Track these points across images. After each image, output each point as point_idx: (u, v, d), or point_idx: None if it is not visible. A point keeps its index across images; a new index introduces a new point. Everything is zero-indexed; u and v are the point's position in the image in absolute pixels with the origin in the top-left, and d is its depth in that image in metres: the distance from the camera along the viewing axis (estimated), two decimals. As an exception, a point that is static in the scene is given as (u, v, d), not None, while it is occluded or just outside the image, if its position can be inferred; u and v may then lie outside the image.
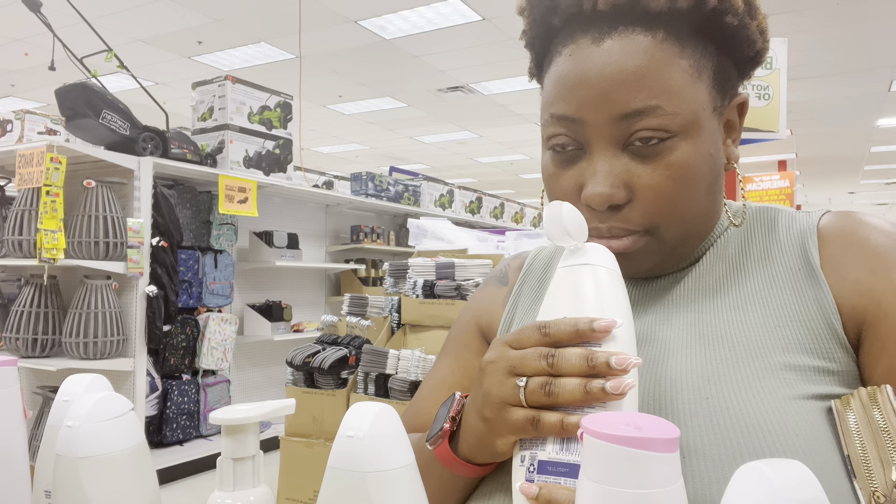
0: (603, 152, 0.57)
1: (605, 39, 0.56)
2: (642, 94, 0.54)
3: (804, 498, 0.30)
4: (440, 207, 5.91)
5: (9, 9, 5.54)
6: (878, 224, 0.59)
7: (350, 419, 0.42)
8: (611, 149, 0.57)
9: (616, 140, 0.56)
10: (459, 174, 14.03)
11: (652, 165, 0.56)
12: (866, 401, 0.50)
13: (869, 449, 0.48)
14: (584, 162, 0.58)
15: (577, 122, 0.57)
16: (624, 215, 0.57)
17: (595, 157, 0.57)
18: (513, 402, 0.49)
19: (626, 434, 0.33)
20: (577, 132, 0.58)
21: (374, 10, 5.71)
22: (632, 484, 0.32)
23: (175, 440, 3.55)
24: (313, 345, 2.36)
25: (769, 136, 2.55)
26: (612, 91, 0.55)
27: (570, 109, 0.57)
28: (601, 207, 0.57)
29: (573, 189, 0.59)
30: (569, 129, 0.58)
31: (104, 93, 3.16)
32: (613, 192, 0.56)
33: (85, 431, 0.48)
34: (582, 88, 0.56)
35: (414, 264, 2.35)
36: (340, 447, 0.42)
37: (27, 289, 3.09)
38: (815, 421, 0.51)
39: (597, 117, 0.56)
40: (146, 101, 3.68)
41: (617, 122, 0.55)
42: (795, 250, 0.60)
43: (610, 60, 0.55)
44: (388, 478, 0.41)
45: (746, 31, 0.59)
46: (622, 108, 0.55)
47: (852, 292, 0.56)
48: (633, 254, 0.58)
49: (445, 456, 0.57)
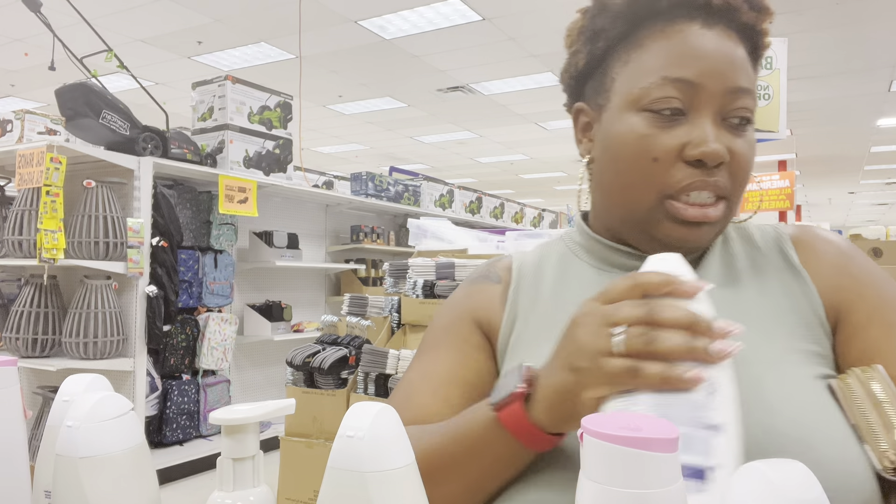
0: (709, 118, 0.63)
1: (714, 28, 0.65)
2: (745, 77, 0.64)
3: (804, 498, 0.30)
4: (440, 207, 5.91)
5: (9, 9, 5.54)
6: (828, 233, 0.71)
7: (350, 419, 0.42)
8: (714, 117, 0.64)
9: (720, 110, 0.64)
10: (459, 174, 14.03)
11: (740, 139, 0.64)
12: (863, 377, 0.58)
13: (871, 417, 0.56)
14: (687, 125, 0.64)
15: (696, 86, 0.63)
16: (721, 174, 0.64)
17: (703, 121, 0.63)
18: (610, 351, 0.49)
19: (625, 434, 0.33)
20: (692, 96, 0.63)
21: (374, 10, 5.71)
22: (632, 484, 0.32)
23: (175, 440, 3.55)
24: (313, 345, 2.36)
25: (769, 136, 2.55)
26: (728, 68, 0.64)
27: (691, 74, 0.63)
28: (714, 163, 0.62)
29: (675, 148, 0.63)
30: (683, 93, 0.63)
31: (104, 93, 3.16)
32: (724, 150, 0.63)
33: (85, 431, 0.48)
34: (703, 59, 0.63)
35: (414, 264, 2.35)
36: (340, 447, 0.42)
37: (27, 289, 3.08)
38: (826, 396, 0.59)
39: (714, 85, 0.63)
40: (146, 101, 3.68)
41: (728, 94, 0.63)
42: (776, 254, 0.70)
43: (724, 43, 0.64)
44: (388, 478, 0.41)
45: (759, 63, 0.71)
46: (734, 82, 0.63)
47: (828, 287, 0.66)
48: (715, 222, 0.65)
49: (515, 421, 0.54)
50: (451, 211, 6.04)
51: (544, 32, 6.20)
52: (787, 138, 8.94)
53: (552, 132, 10.15)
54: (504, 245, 2.69)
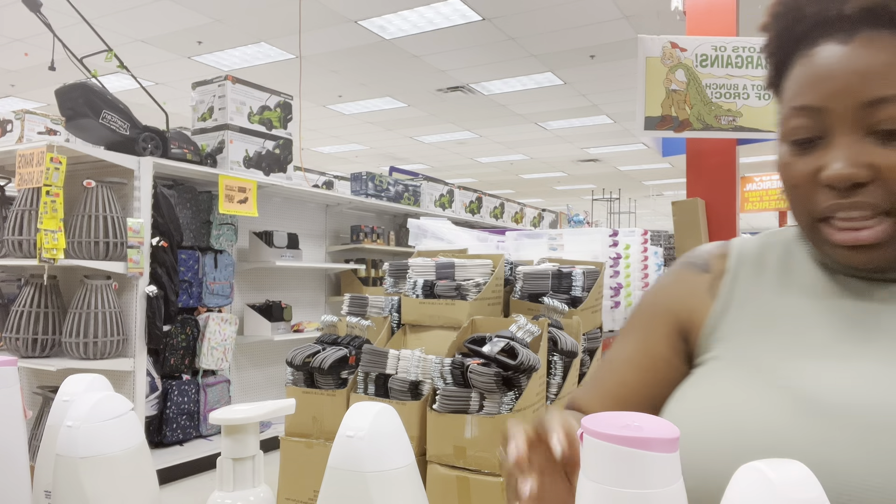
0: (844, 137, 0.61)
1: (853, 38, 0.62)
2: (887, 84, 0.59)
3: (804, 498, 0.30)
4: (440, 207, 5.91)
5: (9, 9, 5.54)
6: None
7: (350, 419, 0.42)
8: (853, 134, 0.61)
9: (860, 126, 0.61)
10: (459, 174, 14.03)
11: (891, 150, 0.60)
12: None
13: None
14: (823, 149, 0.63)
15: (821, 110, 0.62)
16: (869, 192, 0.60)
17: (836, 142, 0.61)
18: None
19: (626, 434, 0.33)
20: (820, 121, 0.62)
21: (374, 10, 5.71)
22: (632, 484, 0.32)
23: (175, 440, 3.55)
24: (313, 345, 2.36)
25: (769, 136, 2.55)
26: (858, 81, 0.60)
27: (813, 100, 0.62)
28: (843, 185, 0.60)
29: (810, 173, 0.63)
30: (810, 119, 0.63)
31: (104, 93, 3.16)
32: (855, 170, 0.60)
33: (85, 431, 0.48)
34: (826, 81, 0.62)
35: (414, 264, 2.35)
36: (340, 447, 0.42)
37: (27, 289, 3.08)
38: None
39: (841, 105, 0.61)
40: (146, 101, 3.68)
41: (863, 108, 0.60)
42: None
43: (858, 55, 0.61)
44: (388, 478, 0.41)
45: None
46: (869, 95, 0.60)
47: None
48: (883, 242, 0.61)
49: None
50: (451, 211, 6.04)
51: (544, 32, 6.20)
52: (787, 138, 8.91)
53: (552, 132, 10.15)
54: (504, 245, 2.69)
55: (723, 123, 2.59)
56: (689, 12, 3.38)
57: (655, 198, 16.84)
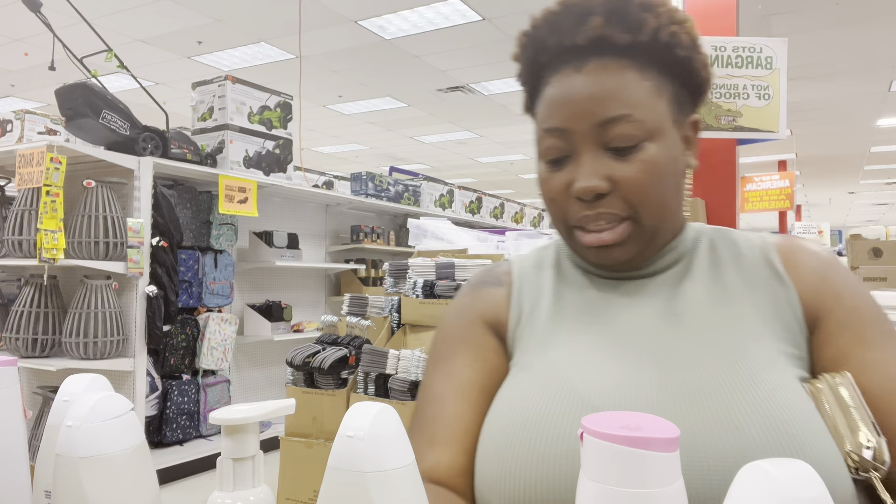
0: (587, 154, 0.69)
1: (584, 66, 0.70)
2: (615, 105, 0.68)
3: (808, 497, 0.30)
4: (440, 207, 5.91)
5: (9, 9, 5.54)
6: (811, 244, 0.76)
7: (350, 419, 0.42)
8: (593, 151, 0.69)
9: (598, 143, 0.69)
10: (459, 174, 14.03)
11: (628, 162, 0.68)
12: (833, 383, 0.64)
13: (839, 420, 0.61)
14: (572, 165, 0.71)
15: (566, 131, 0.70)
16: (608, 202, 0.69)
17: (581, 158, 0.70)
18: None
19: (625, 434, 0.33)
20: (566, 140, 0.70)
21: (374, 10, 5.71)
22: (632, 483, 0.32)
23: (175, 440, 3.55)
24: (313, 345, 2.36)
25: (769, 136, 2.55)
26: (592, 104, 0.68)
27: (559, 122, 0.70)
28: (588, 197, 0.69)
29: (563, 187, 0.71)
30: (559, 139, 0.71)
31: (104, 93, 3.16)
32: (598, 183, 0.68)
33: (85, 431, 0.47)
34: (568, 105, 0.70)
35: (414, 264, 2.35)
36: (340, 447, 0.42)
37: (27, 289, 3.08)
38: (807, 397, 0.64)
39: (581, 126, 0.69)
40: (146, 101, 3.68)
41: (597, 127, 0.68)
42: (761, 261, 0.74)
43: (589, 81, 0.69)
44: (388, 478, 0.41)
45: (693, 62, 0.73)
46: (601, 116, 0.68)
47: (808, 294, 0.71)
48: (622, 241, 0.70)
49: None
50: (451, 211, 6.04)
51: (544, 32, 6.18)
52: (787, 138, 8.94)
53: (552, 132, 10.14)
54: (504, 245, 2.69)
55: (723, 123, 2.59)
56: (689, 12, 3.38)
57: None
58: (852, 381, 0.63)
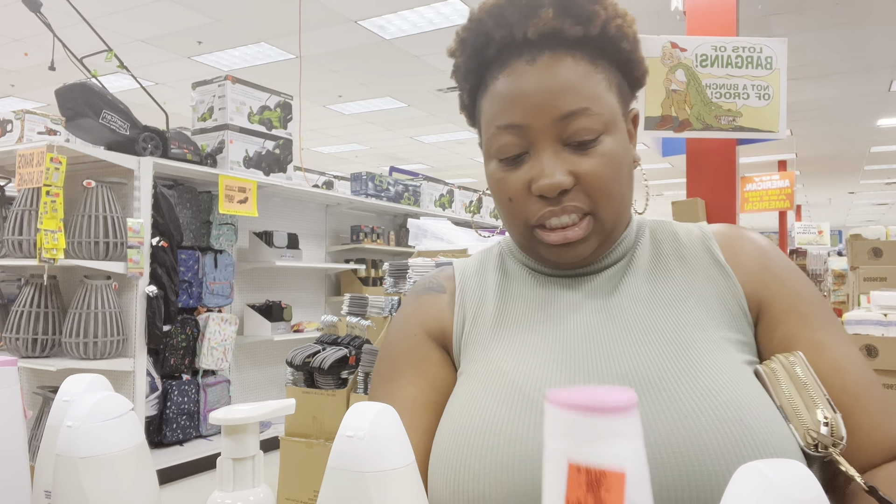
0: (547, 150, 0.67)
1: (538, 60, 0.68)
2: (574, 99, 0.66)
3: (804, 498, 0.30)
4: (440, 207, 5.91)
5: (9, 9, 5.54)
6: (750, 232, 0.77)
7: (350, 419, 0.42)
8: (554, 146, 0.67)
9: (558, 138, 0.67)
10: (459, 174, 14.03)
11: (589, 156, 0.67)
12: (786, 363, 0.65)
13: (795, 399, 0.62)
14: (531, 162, 0.68)
15: (523, 127, 0.68)
16: (572, 197, 0.67)
17: (541, 154, 0.68)
18: None
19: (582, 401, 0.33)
20: (524, 136, 0.68)
21: (374, 10, 5.71)
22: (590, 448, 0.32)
23: (175, 440, 3.55)
24: (313, 345, 2.36)
25: (769, 136, 2.55)
26: (551, 98, 0.66)
27: (516, 118, 0.68)
28: (553, 194, 0.67)
29: (522, 185, 0.69)
30: (515, 136, 0.68)
31: (104, 93, 3.16)
32: (562, 179, 0.66)
33: (85, 431, 0.48)
34: (524, 100, 0.67)
35: (414, 264, 2.35)
36: (340, 447, 0.42)
37: (27, 289, 3.08)
38: (755, 380, 0.64)
39: (540, 121, 0.67)
40: (146, 101, 3.68)
41: (557, 122, 0.67)
42: (701, 251, 0.74)
43: (545, 75, 0.67)
44: (388, 478, 0.41)
45: (635, 55, 0.72)
46: (560, 110, 0.66)
47: (750, 281, 0.71)
48: (585, 238, 0.69)
49: None
50: (451, 211, 6.04)
51: (544, 32, 6.18)
52: (787, 138, 8.94)
53: (552, 132, 10.14)
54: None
55: (723, 123, 2.59)
56: (689, 12, 3.38)
57: (655, 198, 16.84)
58: (805, 360, 0.64)
